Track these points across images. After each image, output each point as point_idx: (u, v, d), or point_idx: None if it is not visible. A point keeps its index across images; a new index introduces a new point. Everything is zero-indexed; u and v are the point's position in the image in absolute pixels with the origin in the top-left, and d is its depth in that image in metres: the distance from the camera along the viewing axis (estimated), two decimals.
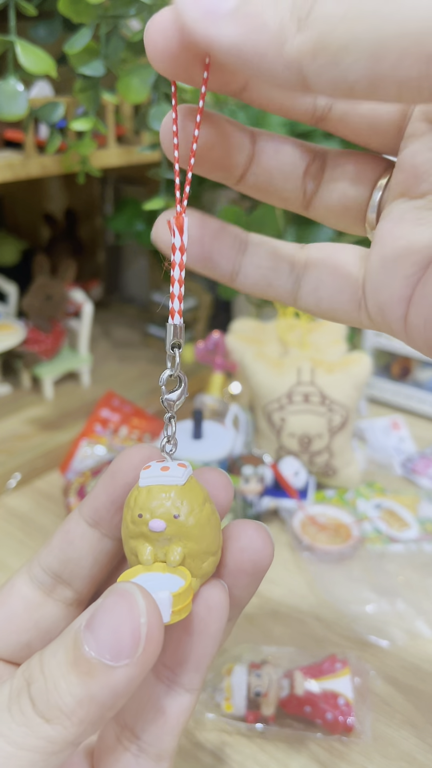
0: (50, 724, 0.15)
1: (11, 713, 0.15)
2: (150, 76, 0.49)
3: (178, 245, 0.19)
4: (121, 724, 0.19)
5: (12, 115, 0.45)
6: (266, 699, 0.34)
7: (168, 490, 0.18)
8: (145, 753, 0.19)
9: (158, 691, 0.19)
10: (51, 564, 0.21)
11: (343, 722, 0.34)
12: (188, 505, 0.18)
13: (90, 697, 0.15)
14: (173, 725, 0.19)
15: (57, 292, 0.66)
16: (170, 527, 0.18)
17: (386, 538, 0.49)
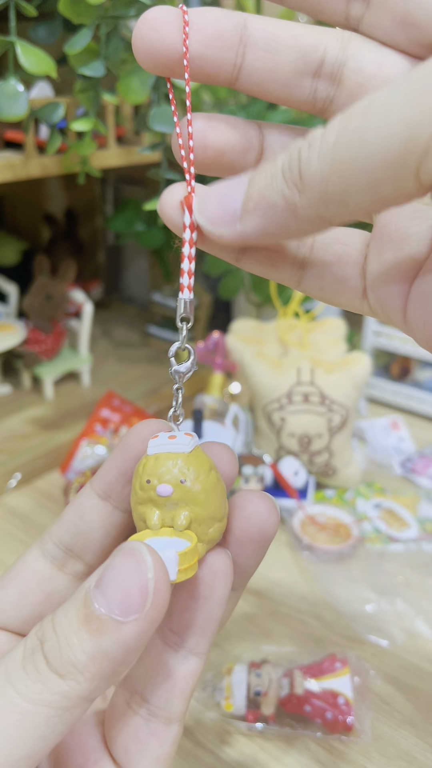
0: (64, 679, 0.16)
1: (26, 671, 0.16)
2: (150, 76, 0.49)
3: (188, 223, 0.19)
4: (130, 690, 0.20)
5: (12, 115, 0.45)
6: (266, 698, 0.34)
7: (175, 457, 0.19)
8: (155, 717, 0.19)
9: (166, 656, 0.19)
10: (63, 538, 0.21)
11: (343, 721, 0.34)
12: (194, 472, 0.19)
13: (102, 653, 0.16)
14: (182, 689, 0.19)
15: (57, 292, 0.66)
16: (177, 492, 0.18)
17: (386, 537, 0.49)
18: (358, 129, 0.14)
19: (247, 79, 0.19)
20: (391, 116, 0.13)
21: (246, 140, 0.20)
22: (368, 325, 0.68)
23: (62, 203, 0.85)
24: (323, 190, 0.15)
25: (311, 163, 0.15)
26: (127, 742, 0.20)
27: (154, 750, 0.20)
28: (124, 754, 0.20)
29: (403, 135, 0.13)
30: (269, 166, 0.16)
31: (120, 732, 0.20)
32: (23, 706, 0.16)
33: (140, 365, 0.75)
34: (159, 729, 0.20)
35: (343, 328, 0.61)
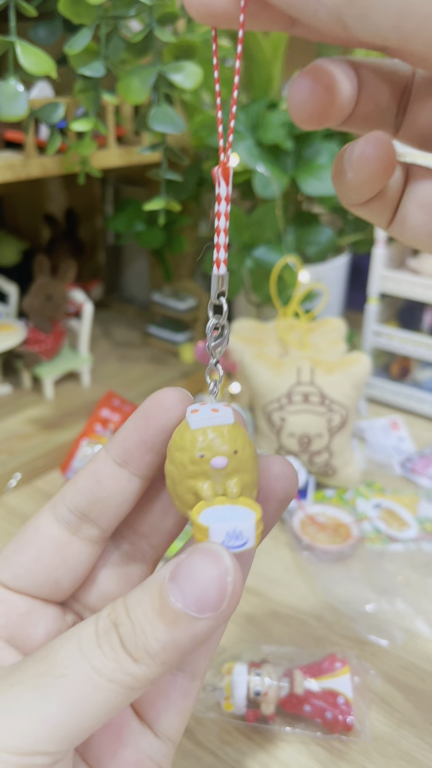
0: (137, 663, 0.17)
1: (102, 649, 0.17)
2: (150, 76, 0.49)
3: (223, 195, 0.19)
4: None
5: (12, 115, 0.45)
6: (266, 698, 0.34)
7: (223, 429, 0.19)
8: (181, 671, 0.21)
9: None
10: (78, 504, 0.21)
11: (343, 721, 0.34)
12: (242, 440, 0.19)
13: (173, 643, 0.17)
14: (207, 646, 0.21)
15: (57, 292, 0.66)
16: (231, 463, 0.19)
17: (386, 537, 0.49)
18: None
19: (305, 26, 0.18)
20: None
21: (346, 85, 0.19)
22: (368, 325, 0.68)
23: (62, 203, 0.85)
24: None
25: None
26: (154, 698, 0.21)
27: (179, 703, 0.21)
28: (150, 709, 0.21)
29: None
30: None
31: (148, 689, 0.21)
32: (97, 680, 0.17)
33: (140, 365, 0.75)
34: (185, 684, 0.21)
35: (343, 328, 0.61)
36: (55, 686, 0.17)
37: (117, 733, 0.21)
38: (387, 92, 0.19)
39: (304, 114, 0.17)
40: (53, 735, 0.17)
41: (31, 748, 0.16)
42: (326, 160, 0.63)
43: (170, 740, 0.21)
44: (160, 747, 0.21)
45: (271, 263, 0.62)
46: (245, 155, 0.61)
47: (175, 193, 0.65)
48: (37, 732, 0.16)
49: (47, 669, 0.17)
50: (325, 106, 0.17)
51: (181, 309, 0.77)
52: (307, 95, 0.17)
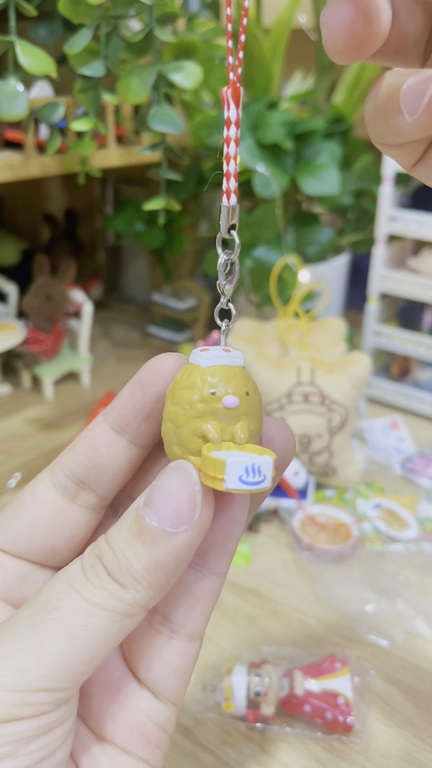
0: (125, 588, 0.17)
1: (89, 580, 0.18)
2: (150, 76, 0.49)
3: (233, 118, 0.18)
4: (152, 611, 0.20)
5: (12, 115, 0.45)
6: (266, 698, 0.34)
7: (234, 369, 0.19)
8: (177, 634, 0.20)
9: (188, 576, 0.20)
10: (75, 470, 0.21)
11: (343, 722, 0.34)
12: (252, 384, 0.19)
13: (156, 563, 0.17)
14: (203, 606, 0.20)
15: (57, 292, 0.66)
16: (242, 404, 0.18)
17: (386, 537, 0.49)
18: None
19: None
20: None
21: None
22: (368, 325, 0.68)
23: (62, 203, 0.85)
24: None
25: None
26: (150, 659, 0.20)
27: (177, 665, 0.20)
28: (147, 671, 0.20)
29: None
30: None
31: (143, 650, 0.20)
32: (90, 609, 0.17)
33: (140, 365, 0.74)
34: (181, 646, 0.20)
35: (343, 328, 0.61)
36: (50, 620, 0.17)
37: (114, 693, 0.20)
38: (420, 18, 0.17)
39: (341, 46, 0.16)
40: (54, 669, 0.17)
41: (32, 685, 0.16)
42: (326, 160, 0.63)
43: (172, 703, 0.21)
44: (162, 709, 0.21)
45: (271, 263, 0.62)
46: (245, 155, 0.61)
47: (175, 193, 0.65)
48: (37, 667, 0.16)
49: (41, 606, 0.17)
50: (365, 37, 0.16)
51: (181, 309, 0.77)
52: (347, 25, 0.15)
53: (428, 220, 0.61)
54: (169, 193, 0.56)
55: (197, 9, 0.58)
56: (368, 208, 0.71)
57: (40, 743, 0.17)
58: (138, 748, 0.20)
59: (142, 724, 0.20)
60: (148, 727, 0.20)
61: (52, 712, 0.17)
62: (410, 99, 0.16)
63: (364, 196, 0.72)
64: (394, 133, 0.17)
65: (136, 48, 0.49)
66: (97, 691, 0.21)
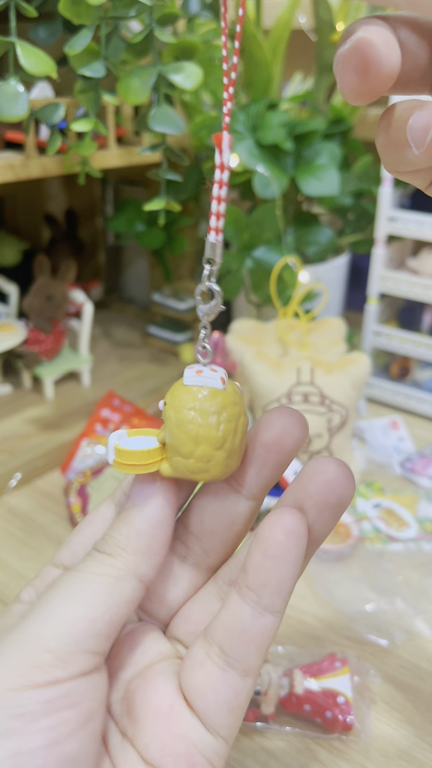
0: (114, 557, 0.21)
1: (85, 561, 0.21)
2: (150, 77, 0.49)
3: (218, 163, 0.19)
4: (209, 642, 0.21)
5: (12, 116, 0.45)
6: (266, 697, 0.34)
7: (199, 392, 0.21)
8: (232, 668, 0.21)
9: (244, 613, 0.21)
10: None
11: (343, 721, 0.34)
12: (176, 403, 0.21)
13: (135, 531, 0.21)
14: (258, 643, 0.21)
15: (57, 292, 0.66)
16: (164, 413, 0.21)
17: (385, 537, 0.49)
18: None
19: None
20: None
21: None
22: (368, 325, 0.68)
23: (62, 203, 0.85)
24: None
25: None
26: (204, 690, 0.21)
27: (230, 699, 0.21)
28: (201, 701, 0.21)
29: None
30: None
31: (198, 680, 0.21)
32: (82, 576, 0.20)
33: (140, 365, 0.75)
34: (235, 680, 0.21)
35: (343, 329, 0.61)
36: (48, 594, 0.20)
37: (165, 720, 0.21)
38: (427, 50, 0.18)
39: (356, 93, 0.17)
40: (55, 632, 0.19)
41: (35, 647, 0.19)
42: (326, 161, 0.63)
43: (223, 738, 0.21)
44: (212, 742, 0.21)
45: (271, 263, 0.62)
46: (245, 155, 0.61)
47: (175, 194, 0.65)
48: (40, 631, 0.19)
49: (57, 589, 0.20)
50: (377, 83, 0.17)
51: (181, 309, 0.77)
52: (359, 74, 0.17)
53: (428, 220, 0.61)
54: (170, 194, 0.56)
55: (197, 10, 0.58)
56: (368, 208, 0.71)
57: (47, 723, 0.18)
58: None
59: (190, 755, 0.20)
60: (195, 758, 0.20)
61: (59, 684, 0.18)
62: (416, 133, 0.17)
63: (363, 197, 0.72)
64: (404, 163, 0.18)
65: (137, 49, 0.49)
66: (149, 715, 0.21)
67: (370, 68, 0.16)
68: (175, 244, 0.72)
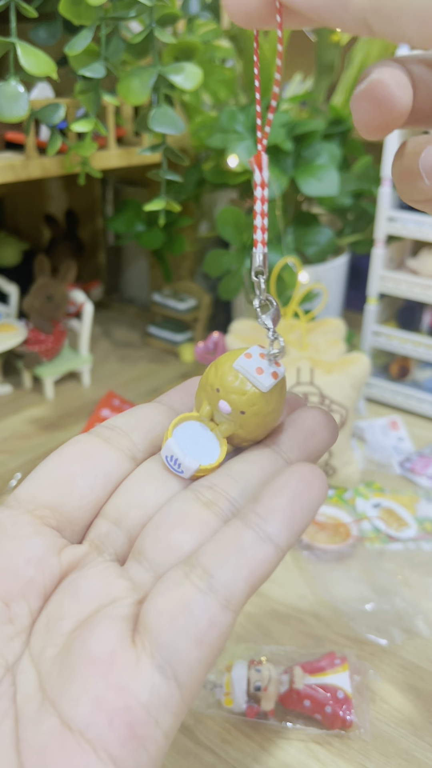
0: None
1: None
2: (150, 77, 0.49)
3: (259, 181, 0.20)
4: (192, 564, 0.18)
5: (13, 116, 0.45)
6: (266, 693, 0.35)
7: (249, 387, 0.21)
8: (213, 593, 0.18)
9: (245, 536, 0.18)
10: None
11: (343, 717, 0.34)
12: (257, 408, 0.21)
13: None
14: (251, 571, 0.18)
15: (58, 292, 0.66)
16: (233, 415, 0.21)
17: (385, 537, 0.49)
18: None
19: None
20: None
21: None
22: (367, 326, 0.68)
23: (63, 204, 0.85)
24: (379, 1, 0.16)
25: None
26: (174, 613, 0.17)
27: (201, 627, 0.17)
28: (164, 627, 0.17)
29: None
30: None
31: (168, 602, 0.18)
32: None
33: (140, 365, 0.75)
34: (214, 607, 0.17)
35: (343, 329, 0.61)
36: None
37: (104, 668, 0.17)
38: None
39: (370, 129, 0.18)
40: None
41: None
42: (326, 161, 0.63)
43: (178, 685, 0.17)
44: (162, 691, 0.17)
45: (271, 264, 0.62)
46: (245, 156, 0.61)
47: (175, 194, 0.65)
48: None
49: None
50: (390, 119, 0.18)
51: (181, 309, 0.77)
52: (373, 112, 0.18)
53: (427, 220, 0.61)
54: (170, 194, 0.56)
55: (197, 10, 0.59)
56: (367, 208, 0.71)
57: None
58: (115, 744, 0.16)
59: (130, 710, 0.17)
60: (136, 714, 0.17)
61: None
62: (428, 165, 0.18)
63: (363, 197, 0.72)
64: (418, 193, 0.19)
65: (137, 49, 0.50)
66: (83, 666, 0.17)
67: (382, 106, 0.17)
68: (175, 244, 0.72)
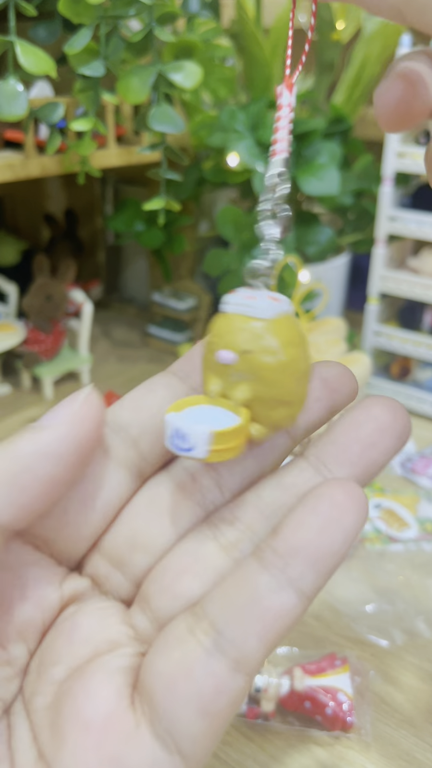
0: None
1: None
2: (150, 76, 0.49)
3: (285, 103, 0.18)
4: (198, 616, 0.15)
5: (12, 115, 0.45)
6: (266, 694, 0.34)
7: (248, 321, 0.16)
8: (221, 653, 0.15)
9: (260, 581, 0.15)
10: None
11: (343, 718, 0.34)
12: (266, 343, 0.16)
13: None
14: (266, 626, 0.15)
15: (57, 292, 0.66)
16: (241, 363, 0.16)
17: (386, 537, 0.49)
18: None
19: None
20: None
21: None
22: (368, 325, 0.68)
23: (62, 203, 0.85)
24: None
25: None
26: (175, 677, 0.15)
27: (206, 695, 0.14)
28: (165, 693, 0.15)
29: None
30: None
31: (169, 663, 0.15)
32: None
33: (140, 365, 0.75)
34: (221, 671, 0.14)
35: (343, 328, 0.61)
36: None
37: (97, 736, 0.15)
38: None
39: (392, 121, 0.17)
40: None
41: None
42: (326, 160, 0.63)
43: (182, 758, 0.15)
44: (165, 764, 0.15)
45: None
46: (245, 155, 0.61)
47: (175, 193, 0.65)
48: None
49: None
50: (414, 112, 0.17)
51: (181, 309, 0.77)
52: (398, 103, 0.17)
53: (428, 220, 0.61)
54: (169, 193, 0.56)
55: (197, 9, 0.58)
56: (368, 208, 0.71)
57: None
58: None
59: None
60: None
61: None
62: None
63: (364, 196, 0.72)
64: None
65: (136, 48, 0.49)
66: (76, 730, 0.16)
67: (414, 94, 0.17)
68: (175, 243, 0.72)
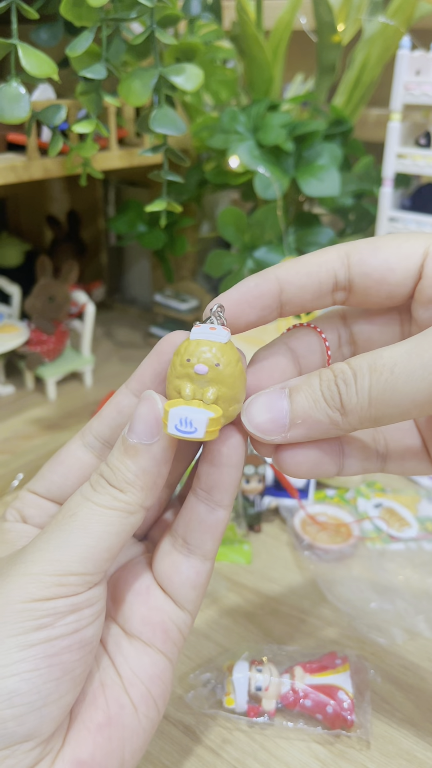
0: (124, 493, 0.23)
1: (96, 490, 0.23)
2: (151, 78, 0.49)
3: None
4: (174, 536, 0.26)
5: (14, 118, 0.45)
6: (267, 693, 0.35)
7: (213, 344, 0.23)
8: (193, 554, 0.26)
9: (200, 509, 0.25)
10: (102, 432, 0.26)
11: (344, 716, 0.34)
12: (226, 359, 0.23)
13: (142, 469, 0.23)
14: (213, 532, 0.26)
15: (60, 293, 0.66)
16: (211, 373, 0.22)
17: (386, 536, 0.49)
18: (389, 382, 0.21)
19: (289, 309, 0.25)
20: (415, 378, 0.20)
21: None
22: None
23: (64, 205, 0.86)
24: (362, 415, 0.21)
25: (351, 398, 0.21)
26: (171, 573, 0.26)
27: (193, 578, 0.26)
28: (169, 582, 0.26)
29: (427, 390, 0.20)
30: (308, 389, 0.23)
31: (166, 566, 0.26)
32: (100, 510, 0.23)
33: None
34: (197, 563, 0.26)
35: None
36: (71, 524, 0.22)
37: (144, 598, 0.26)
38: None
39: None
40: (80, 558, 0.22)
41: (65, 570, 0.22)
42: (327, 161, 0.63)
43: (189, 612, 0.26)
44: (180, 615, 0.26)
45: (272, 264, 0.62)
46: (246, 156, 0.61)
47: (177, 195, 0.66)
48: (68, 556, 0.22)
49: (63, 515, 0.23)
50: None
51: (183, 310, 0.77)
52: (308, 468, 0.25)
53: (428, 221, 0.61)
54: (171, 195, 0.56)
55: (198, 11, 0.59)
56: (369, 209, 0.71)
57: (72, 618, 0.22)
58: (159, 643, 0.26)
59: (164, 623, 0.26)
60: (168, 626, 0.26)
61: (81, 594, 0.22)
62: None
63: (364, 197, 0.72)
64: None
65: (138, 50, 0.50)
66: (130, 596, 0.26)
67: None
68: (177, 244, 0.72)
